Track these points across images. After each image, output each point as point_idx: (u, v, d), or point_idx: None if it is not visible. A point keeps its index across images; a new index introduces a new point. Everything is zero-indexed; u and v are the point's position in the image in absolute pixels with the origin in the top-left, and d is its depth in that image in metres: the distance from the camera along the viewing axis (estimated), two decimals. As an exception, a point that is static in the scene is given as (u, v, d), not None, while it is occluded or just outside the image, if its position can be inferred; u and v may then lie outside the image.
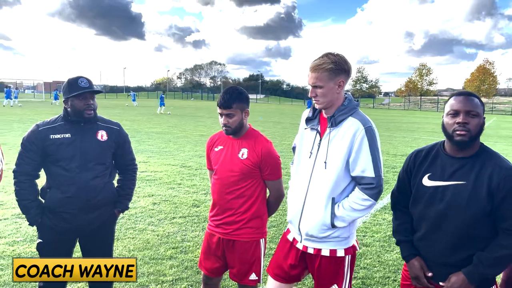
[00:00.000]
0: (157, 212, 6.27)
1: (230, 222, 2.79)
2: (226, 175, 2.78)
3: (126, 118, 24.06)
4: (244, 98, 2.75)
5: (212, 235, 2.89)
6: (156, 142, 14.22)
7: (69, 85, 2.72)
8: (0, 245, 4.79)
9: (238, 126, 2.74)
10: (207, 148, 3.01)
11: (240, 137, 2.81)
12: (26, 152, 2.74)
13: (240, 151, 2.77)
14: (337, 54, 2.35)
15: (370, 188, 2.31)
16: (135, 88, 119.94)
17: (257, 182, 2.80)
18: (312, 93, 2.38)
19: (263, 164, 2.75)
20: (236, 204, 2.78)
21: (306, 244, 2.48)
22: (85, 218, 2.78)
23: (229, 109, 2.68)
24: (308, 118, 2.52)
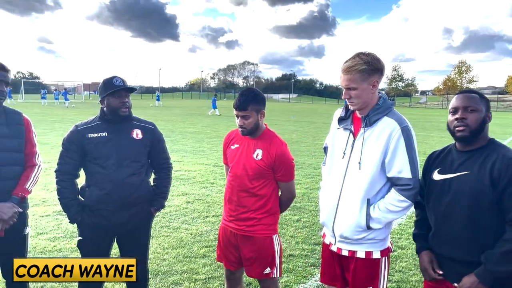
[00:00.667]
0: (190, 211, 6.37)
1: (244, 219, 2.83)
2: (240, 174, 2.82)
3: (161, 118, 24.55)
4: (260, 100, 2.78)
5: (227, 229, 2.94)
6: (190, 141, 14.43)
7: (104, 84, 2.81)
8: (42, 240, 4.99)
9: (253, 127, 2.77)
10: (224, 145, 3.06)
11: (256, 137, 2.84)
12: (66, 152, 2.84)
13: (255, 152, 2.80)
14: (369, 54, 2.31)
15: (407, 189, 2.27)
16: (170, 89, 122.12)
17: (270, 182, 2.83)
18: (346, 95, 2.35)
19: (276, 166, 2.78)
20: (250, 202, 2.82)
21: (341, 246, 2.46)
22: (122, 215, 2.85)
23: (244, 111, 2.71)
24: (340, 117, 2.49)
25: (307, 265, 4.48)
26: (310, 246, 5.02)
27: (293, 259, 4.62)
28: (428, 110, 56.61)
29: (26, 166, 2.77)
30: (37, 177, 2.82)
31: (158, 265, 4.40)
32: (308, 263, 4.51)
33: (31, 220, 5.64)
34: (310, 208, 6.63)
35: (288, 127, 21.23)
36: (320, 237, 5.28)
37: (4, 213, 2.54)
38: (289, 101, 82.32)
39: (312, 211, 6.46)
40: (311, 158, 11.47)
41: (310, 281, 4.13)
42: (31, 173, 2.76)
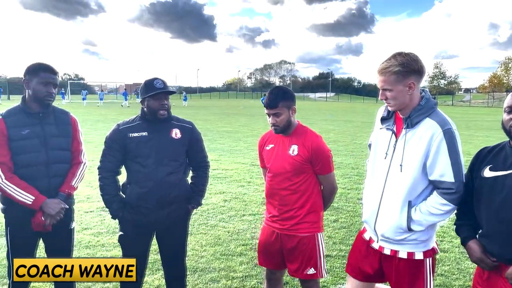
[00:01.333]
0: (227, 209, 6.44)
1: (287, 218, 2.83)
2: (279, 172, 2.83)
3: (199, 118, 24.94)
4: (290, 96, 2.79)
5: (269, 230, 2.93)
6: (227, 141, 14.58)
7: (145, 86, 2.89)
8: (87, 235, 5.20)
9: (286, 124, 2.78)
10: (259, 147, 3.08)
11: (289, 134, 2.84)
12: (108, 150, 2.95)
13: (290, 148, 2.81)
14: (406, 54, 2.26)
15: (449, 193, 2.21)
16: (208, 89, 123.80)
17: (310, 177, 2.82)
18: (382, 96, 2.33)
19: (314, 158, 2.77)
20: (292, 199, 2.81)
21: (383, 245, 2.45)
22: (161, 212, 2.93)
23: (275, 109, 2.73)
24: (383, 117, 2.47)
25: (345, 266, 4.41)
26: (348, 247, 4.94)
27: (330, 259, 4.58)
28: (473, 109, 54.36)
29: (72, 164, 2.89)
30: (83, 174, 2.94)
31: (196, 262, 4.47)
32: (345, 264, 4.45)
33: (76, 216, 5.88)
34: (348, 208, 6.54)
35: (326, 126, 21.02)
36: (358, 238, 5.21)
37: (52, 208, 2.67)
38: (326, 100, 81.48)
39: (350, 211, 6.37)
40: (349, 157, 11.30)
41: (347, 282, 4.07)
42: (77, 170, 2.89)
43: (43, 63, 2.78)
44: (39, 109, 2.77)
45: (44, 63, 2.79)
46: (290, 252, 2.85)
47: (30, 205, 2.64)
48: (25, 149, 2.69)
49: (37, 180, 2.70)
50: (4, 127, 2.67)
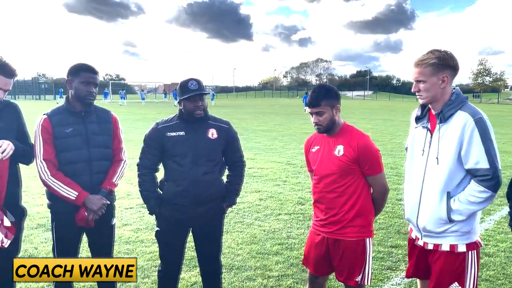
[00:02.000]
0: (263, 208, 6.44)
1: (334, 222, 2.76)
2: (325, 174, 2.77)
3: (235, 117, 25.12)
4: (333, 94, 2.72)
5: (317, 234, 2.88)
6: (262, 139, 14.61)
7: (181, 88, 2.93)
8: (127, 231, 5.35)
9: (329, 123, 2.71)
10: (305, 151, 3.03)
11: (334, 134, 2.77)
12: (147, 147, 3.02)
13: (335, 148, 2.74)
14: (443, 51, 2.38)
15: (486, 180, 2.27)
16: (244, 88, 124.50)
17: (358, 179, 2.73)
18: (415, 87, 2.43)
19: (361, 159, 2.68)
20: (339, 202, 2.74)
21: (426, 240, 2.50)
22: (196, 211, 2.97)
23: (318, 107, 2.67)
24: (417, 117, 2.55)
25: (383, 268, 4.32)
26: (386, 248, 4.83)
27: (368, 261, 4.48)
28: (520, 107, 51.73)
29: (113, 161, 2.98)
30: (123, 171, 3.02)
31: (233, 260, 4.50)
32: (384, 266, 4.35)
33: (117, 212, 6.06)
34: (386, 209, 6.38)
35: (363, 125, 20.63)
36: (397, 240, 5.08)
37: (94, 204, 2.76)
38: (364, 99, 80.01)
39: (389, 212, 6.22)
40: (388, 157, 11.04)
41: (386, 284, 3.98)
42: (117, 167, 2.98)
43: (84, 64, 2.88)
44: (82, 108, 2.87)
45: (84, 63, 2.88)
46: (337, 257, 2.78)
47: (73, 200, 2.74)
48: (69, 146, 2.80)
49: (80, 177, 2.80)
50: (50, 125, 2.78)
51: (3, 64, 2.62)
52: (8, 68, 2.64)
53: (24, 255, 4.49)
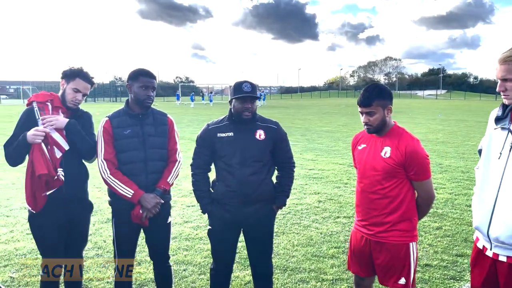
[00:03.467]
0: (321, 210, 6.36)
1: (376, 223, 2.68)
2: (369, 174, 2.69)
3: (299, 117, 25.04)
4: (386, 95, 2.61)
5: (359, 234, 2.82)
6: (325, 140, 14.42)
7: (234, 88, 3.00)
8: (187, 228, 5.56)
9: (380, 124, 2.62)
10: (352, 147, 2.96)
11: (383, 135, 2.67)
12: (199, 148, 3.13)
13: (383, 150, 2.64)
14: None
15: None
16: (309, 88, 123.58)
17: (403, 182, 2.62)
18: (501, 87, 2.15)
19: (407, 163, 2.56)
20: (381, 204, 2.65)
21: (497, 252, 2.24)
22: (246, 211, 3.02)
23: (369, 107, 2.58)
24: (497, 117, 2.28)
25: (446, 277, 4.08)
26: (451, 257, 4.56)
27: (429, 269, 4.27)
28: None
29: (168, 162, 3.11)
30: (177, 171, 3.15)
31: (287, 261, 4.50)
32: (447, 276, 4.11)
33: (179, 209, 6.34)
34: (454, 215, 6.02)
35: (434, 126, 19.61)
36: (464, 248, 4.77)
37: (148, 202, 2.90)
38: (436, 98, 75.92)
39: (456, 219, 5.86)
40: (459, 160, 10.41)
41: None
42: (172, 168, 3.10)
43: (142, 69, 3.04)
44: (140, 111, 3.04)
45: (143, 68, 3.05)
46: (379, 259, 2.71)
47: (129, 198, 2.90)
48: (127, 147, 2.97)
49: (136, 176, 2.96)
50: (110, 127, 2.98)
51: (85, 72, 3.01)
52: (88, 76, 3.02)
53: (94, 247, 4.84)
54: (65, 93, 2.98)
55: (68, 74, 2.98)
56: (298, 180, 8.12)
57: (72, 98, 2.97)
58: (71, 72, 2.98)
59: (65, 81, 3.00)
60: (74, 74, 2.97)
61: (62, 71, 3.01)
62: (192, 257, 4.60)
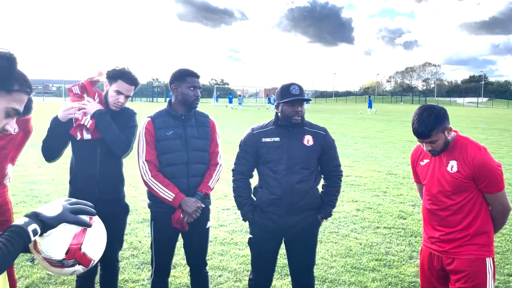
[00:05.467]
0: (360, 219, 6.13)
1: (448, 240, 2.51)
2: (437, 191, 2.51)
3: (334, 122, 24.63)
4: (442, 118, 2.42)
5: (427, 252, 2.64)
6: (362, 146, 14.06)
7: (281, 91, 2.86)
8: (222, 232, 5.47)
9: (443, 146, 2.46)
10: (412, 162, 2.78)
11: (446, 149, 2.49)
12: (242, 153, 3.01)
13: (448, 164, 2.46)
14: None
15: None
16: (344, 93, 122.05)
17: (475, 196, 2.44)
18: None
19: (477, 176, 2.38)
20: (453, 221, 2.48)
21: None
22: (290, 220, 2.88)
23: (429, 138, 2.41)
24: None
25: (499, 299, 3.79)
26: (502, 276, 4.25)
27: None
28: None
29: (209, 165, 3.02)
30: (219, 175, 3.05)
31: (326, 272, 4.33)
32: (499, 297, 3.82)
33: (214, 212, 6.26)
34: (503, 231, 5.65)
35: (476, 135, 18.78)
36: (518, 269, 4.44)
37: (189, 206, 2.82)
38: (477, 106, 73.05)
39: (506, 235, 5.50)
40: (505, 172, 9.85)
41: (502, 319, 3.48)
42: (213, 171, 3.01)
43: (188, 69, 2.96)
44: (183, 112, 2.95)
45: (188, 68, 2.97)
46: (454, 277, 2.51)
47: (170, 202, 2.82)
48: (169, 149, 2.89)
49: (178, 179, 2.88)
50: (152, 128, 2.91)
51: (128, 73, 2.89)
52: (131, 76, 2.89)
53: (129, 247, 4.83)
54: (108, 95, 2.91)
55: (110, 76, 2.90)
56: (334, 187, 7.89)
57: (114, 101, 2.88)
58: (113, 74, 2.89)
59: (108, 83, 2.92)
60: (116, 76, 2.87)
61: (106, 72, 2.93)
62: (227, 262, 4.50)
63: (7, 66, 1.27)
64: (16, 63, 1.29)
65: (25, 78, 1.33)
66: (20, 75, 1.32)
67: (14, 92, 1.30)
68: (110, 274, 3.12)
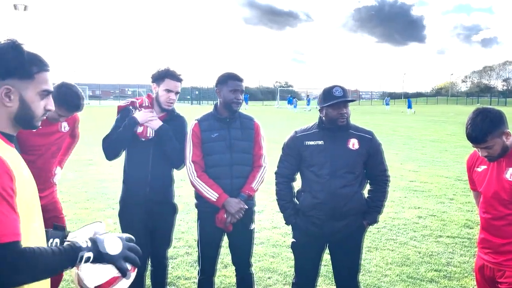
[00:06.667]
0: (421, 227, 5.82)
1: (503, 252, 2.34)
2: (493, 199, 2.34)
3: (401, 125, 23.64)
4: (497, 122, 2.24)
5: (481, 262, 2.49)
6: (429, 150, 13.36)
7: (324, 94, 2.81)
8: (275, 234, 5.47)
9: (501, 152, 2.28)
10: (468, 169, 2.61)
11: (505, 154, 2.30)
12: (285, 156, 2.99)
13: (507, 171, 2.28)
14: None
15: None
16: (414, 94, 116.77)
17: None
18: None
19: None
20: (509, 231, 2.30)
21: None
22: (333, 225, 2.81)
23: (484, 143, 2.24)
24: None
25: None
26: None
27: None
28: None
29: (253, 167, 3.05)
30: (263, 177, 3.06)
31: (379, 280, 4.17)
32: None
33: (268, 214, 6.29)
34: None
35: None
36: None
37: (232, 207, 2.86)
38: None
39: None
40: None
41: None
42: (257, 173, 3.03)
43: (231, 72, 3.02)
44: (227, 114, 3.01)
45: (231, 72, 3.02)
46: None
47: (214, 201, 2.88)
48: (214, 150, 2.96)
49: (222, 180, 2.93)
50: (199, 130, 3.00)
51: (172, 71, 3.03)
52: (176, 74, 3.03)
53: (184, 245, 5.00)
54: (159, 96, 3.04)
55: (157, 77, 3.03)
56: (396, 192, 7.59)
57: (166, 99, 3.01)
58: (159, 75, 3.02)
59: (156, 84, 3.05)
60: (162, 76, 3.00)
61: (151, 76, 3.07)
62: (278, 265, 4.50)
63: (16, 55, 1.35)
64: (23, 48, 1.37)
65: (38, 58, 1.41)
66: (33, 58, 1.40)
67: (35, 75, 1.39)
68: (159, 270, 3.26)
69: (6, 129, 1.41)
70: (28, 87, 1.38)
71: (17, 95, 1.37)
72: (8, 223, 1.23)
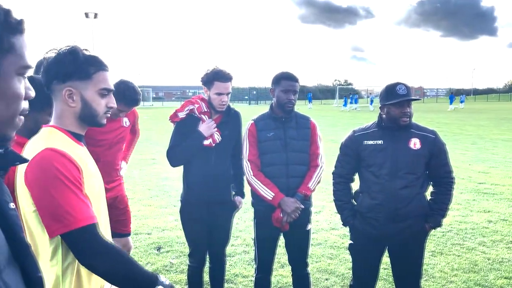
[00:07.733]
0: (491, 232, 5.46)
1: None
2: None
3: (470, 123, 22.26)
4: None
5: None
6: (502, 150, 12.46)
7: (387, 92, 2.72)
8: (333, 235, 5.39)
9: None
10: None
11: None
12: (343, 156, 2.94)
13: None
14: None
15: None
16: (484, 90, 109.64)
17: None
18: None
19: None
20: None
21: None
22: (393, 227, 2.73)
23: None
24: None
25: None
26: None
27: None
28: None
29: (310, 166, 3.03)
30: (319, 177, 3.03)
31: (444, 286, 3.97)
32: None
33: (326, 215, 6.21)
34: None
35: None
36: None
37: (288, 206, 2.86)
38: None
39: None
40: None
41: None
42: (314, 173, 3.00)
43: (285, 72, 3.01)
44: (282, 114, 3.01)
45: (286, 72, 3.02)
46: None
47: (270, 200, 2.90)
48: (269, 149, 2.98)
49: (277, 179, 2.94)
50: (255, 130, 3.03)
51: (219, 71, 2.99)
52: (224, 74, 2.99)
53: (242, 243, 5.07)
54: (211, 100, 3.03)
55: (206, 81, 3.01)
56: (464, 195, 7.18)
57: (218, 103, 3.01)
58: (208, 78, 2.99)
59: (207, 88, 3.03)
60: (210, 79, 2.97)
61: (200, 78, 3.05)
62: (335, 266, 4.43)
63: (73, 58, 1.44)
64: (78, 52, 1.45)
65: (95, 59, 1.50)
66: (90, 59, 1.48)
67: (93, 75, 1.48)
68: (217, 267, 3.33)
69: (74, 128, 1.53)
70: (87, 87, 1.48)
71: (78, 96, 1.48)
72: (84, 208, 1.35)
